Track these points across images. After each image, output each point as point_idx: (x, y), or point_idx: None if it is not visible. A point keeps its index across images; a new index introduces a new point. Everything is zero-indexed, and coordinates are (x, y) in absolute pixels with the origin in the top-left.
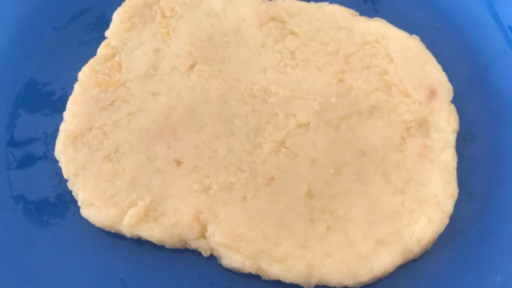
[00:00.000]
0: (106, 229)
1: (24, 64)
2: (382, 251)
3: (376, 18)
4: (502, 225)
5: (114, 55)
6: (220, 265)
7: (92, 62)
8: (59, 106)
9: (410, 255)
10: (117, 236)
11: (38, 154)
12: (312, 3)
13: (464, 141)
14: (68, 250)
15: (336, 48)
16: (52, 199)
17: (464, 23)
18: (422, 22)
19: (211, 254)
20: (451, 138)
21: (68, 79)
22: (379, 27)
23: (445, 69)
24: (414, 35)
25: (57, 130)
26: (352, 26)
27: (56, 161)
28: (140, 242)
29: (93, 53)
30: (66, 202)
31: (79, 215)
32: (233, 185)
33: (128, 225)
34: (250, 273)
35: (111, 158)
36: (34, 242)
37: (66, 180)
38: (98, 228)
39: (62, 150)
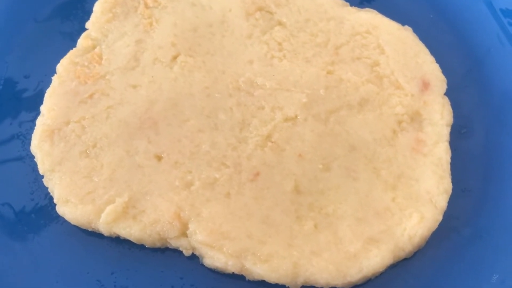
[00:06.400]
0: (83, 227)
1: (3, 57)
2: (373, 250)
3: (367, 9)
4: (498, 223)
5: (94, 47)
6: (202, 264)
7: (71, 54)
8: (37, 99)
9: (402, 254)
10: (95, 235)
11: (13, 150)
12: None
13: (459, 135)
14: (43, 249)
15: (325, 39)
16: (27, 196)
17: (458, 13)
18: (415, 13)
19: (192, 253)
20: (445, 131)
21: (47, 72)
22: (370, 17)
23: (438, 61)
24: (406, 26)
25: (34, 124)
26: (342, 17)
27: (32, 157)
28: (118, 241)
29: (74, 45)
30: (41, 199)
31: (55, 212)
32: (217, 181)
33: (105, 223)
34: (233, 273)
35: (89, 153)
36: (8, 241)
37: (42, 176)
38: (74, 226)
39: (38, 145)
